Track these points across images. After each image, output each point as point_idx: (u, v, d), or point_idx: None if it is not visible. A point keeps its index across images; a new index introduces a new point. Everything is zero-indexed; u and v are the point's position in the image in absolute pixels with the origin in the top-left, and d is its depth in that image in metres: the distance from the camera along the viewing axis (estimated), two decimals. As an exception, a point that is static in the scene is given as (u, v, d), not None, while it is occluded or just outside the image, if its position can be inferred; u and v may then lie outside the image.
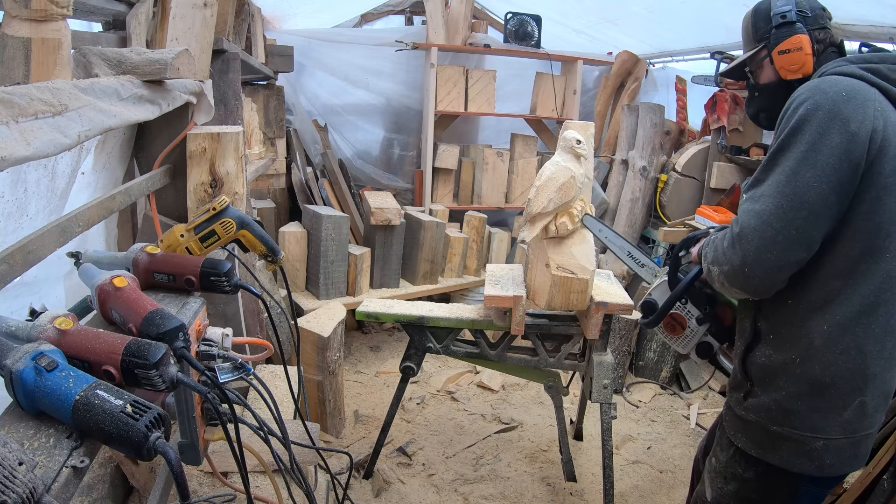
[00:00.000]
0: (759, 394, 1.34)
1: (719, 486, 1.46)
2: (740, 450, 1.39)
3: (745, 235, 1.21)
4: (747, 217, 1.22)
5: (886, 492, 2.11)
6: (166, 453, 0.68)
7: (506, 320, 2.27)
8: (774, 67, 1.45)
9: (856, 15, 2.74)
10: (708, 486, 1.51)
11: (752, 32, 1.50)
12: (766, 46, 1.46)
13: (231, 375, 1.01)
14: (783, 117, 1.26)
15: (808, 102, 1.21)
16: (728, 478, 1.44)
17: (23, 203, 1.11)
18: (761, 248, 1.20)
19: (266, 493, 1.49)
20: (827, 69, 1.33)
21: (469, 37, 4.25)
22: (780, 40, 1.42)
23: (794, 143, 1.20)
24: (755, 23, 1.49)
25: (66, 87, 0.91)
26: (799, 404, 1.28)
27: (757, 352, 1.36)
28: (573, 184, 2.04)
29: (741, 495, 1.41)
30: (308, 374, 2.70)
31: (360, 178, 4.41)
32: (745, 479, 1.39)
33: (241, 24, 2.64)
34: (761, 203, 1.21)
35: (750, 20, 1.51)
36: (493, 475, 2.69)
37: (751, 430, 1.36)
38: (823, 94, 1.20)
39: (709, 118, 3.73)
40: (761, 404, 1.33)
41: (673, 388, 3.56)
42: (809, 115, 1.19)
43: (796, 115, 1.21)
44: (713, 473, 1.49)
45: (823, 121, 1.18)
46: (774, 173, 1.22)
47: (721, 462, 1.46)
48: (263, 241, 1.41)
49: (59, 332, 0.79)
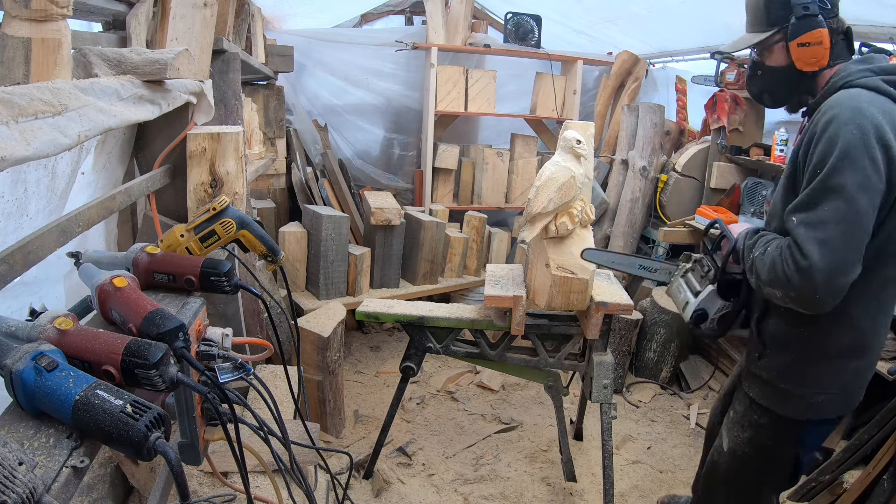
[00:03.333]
0: (772, 356, 1.54)
1: (736, 434, 1.66)
2: (755, 400, 1.59)
3: (816, 266, 1.27)
4: (813, 246, 1.28)
5: (886, 492, 2.11)
6: (166, 453, 0.68)
7: (506, 320, 2.27)
8: (789, 55, 1.46)
9: (856, 15, 2.74)
10: (725, 437, 1.69)
11: (764, 14, 1.48)
12: (781, 32, 1.46)
13: (231, 375, 1.01)
14: (824, 135, 1.30)
15: (852, 126, 1.26)
16: (745, 426, 1.63)
17: (23, 203, 1.11)
18: (834, 276, 1.27)
19: (266, 493, 1.49)
20: (852, 76, 1.37)
21: (469, 37, 4.25)
22: (800, 32, 1.41)
23: (844, 170, 1.26)
24: (768, 4, 1.47)
25: (66, 87, 0.91)
26: (806, 369, 1.48)
27: (769, 321, 1.53)
28: (573, 184, 2.04)
29: (755, 441, 1.61)
30: (308, 374, 2.70)
31: (360, 178, 4.41)
32: (759, 426, 1.59)
33: (241, 24, 2.64)
34: (824, 231, 1.27)
35: (763, 3, 1.48)
36: (493, 475, 2.69)
37: (763, 385, 1.57)
38: (865, 118, 1.26)
39: (709, 118, 3.73)
40: (772, 365, 1.53)
41: (673, 388, 3.56)
42: (857, 141, 1.25)
43: (842, 139, 1.26)
44: (731, 424, 1.68)
45: (870, 146, 1.25)
46: (830, 199, 1.27)
47: (738, 413, 1.66)
48: (263, 241, 1.41)
49: (59, 332, 0.79)
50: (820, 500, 2.43)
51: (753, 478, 1.67)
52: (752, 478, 1.67)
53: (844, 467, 2.35)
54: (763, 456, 1.62)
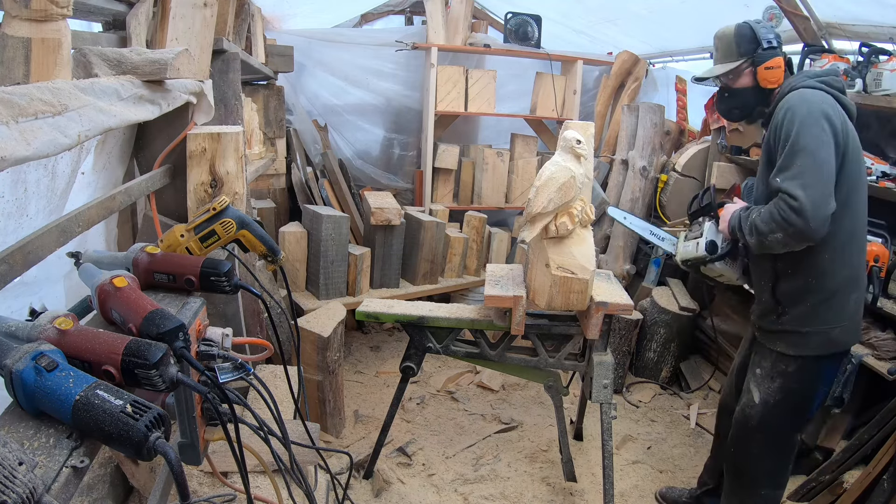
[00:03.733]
0: (791, 311, 1.90)
1: (766, 385, 1.96)
2: (780, 353, 1.93)
3: (804, 202, 1.67)
4: (798, 189, 1.68)
5: (886, 492, 2.11)
6: (166, 453, 0.68)
7: (506, 320, 2.27)
8: (756, 78, 1.94)
9: (856, 15, 2.74)
10: (755, 390, 1.99)
11: (735, 48, 1.94)
12: (749, 60, 1.93)
13: (231, 375, 1.01)
14: (784, 121, 1.77)
15: (802, 109, 1.75)
16: (773, 377, 1.95)
17: (23, 203, 1.11)
18: (817, 207, 1.67)
19: (266, 493, 1.49)
20: (796, 84, 1.85)
21: (469, 37, 4.25)
22: (766, 59, 1.91)
23: (805, 136, 1.72)
24: (738, 42, 1.93)
25: (66, 87, 0.91)
26: (820, 308, 1.86)
27: (782, 284, 1.91)
28: (573, 184, 2.04)
29: (785, 387, 1.93)
30: (308, 374, 2.70)
31: (360, 178, 4.41)
32: (787, 374, 1.92)
33: (241, 24, 2.64)
34: (802, 178, 1.69)
35: (732, 39, 1.94)
36: (493, 475, 2.69)
37: (787, 337, 1.91)
38: (811, 103, 1.76)
39: (709, 118, 3.73)
40: (793, 318, 1.89)
41: (673, 388, 3.56)
42: (808, 117, 1.74)
43: (798, 118, 1.74)
44: (760, 378, 1.98)
45: (818, 119, 1.73)
46: (799, 157, 1.71)
47: (766, 368, 1.97)
48: (263, 241, 1.41)
49: (59, 332, 0.79)
50: (820, 500, 2.43)
51: (784, 420, 1.98)
52: (783, 421, 1.98)
53: (844, 467, 2.36)
54: (792, 399, 1.94)
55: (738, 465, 2.09)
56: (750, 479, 2.06)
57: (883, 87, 2.48)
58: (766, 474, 2.03)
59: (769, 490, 2.05)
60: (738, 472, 2.10)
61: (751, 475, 2.05)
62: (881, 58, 2.51)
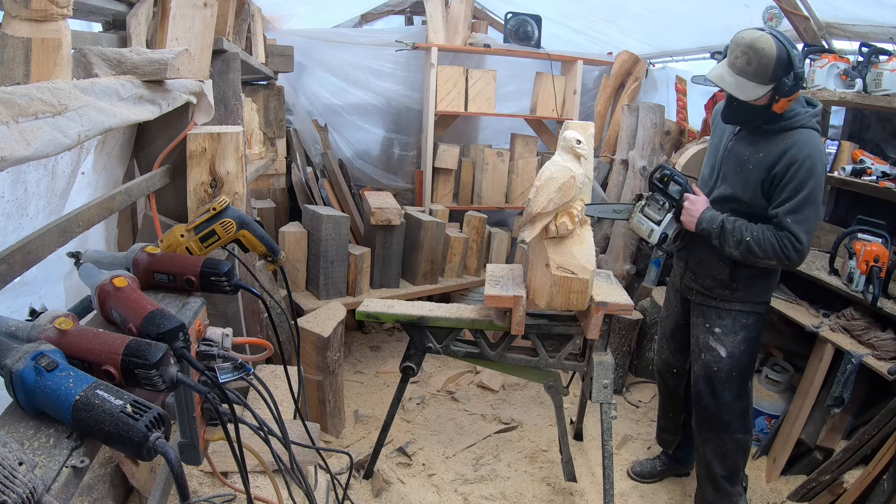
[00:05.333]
0: (743, 289, 2.19)
1: (731, 339, 2.22)
2: (738, 311, 2.21)
3: (806, 247, 2.00)
4: (803, 235, 1.98)
5: (886, 492, 2.11)
6: (166, 453, 0.68)
7: (506, 320, 2.27)
8: (772, 101, 1.98)
9: (856, 15, 2.74)
10: (719, 347, 2.23)
11: (769, 72, 1.93)
12: (776, 89, 1.95)
13: (231, 375, 1.01)
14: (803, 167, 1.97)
15: (818, 162, 1.99)
16: (737, 330, 2.22)
17: (23, 203, 1.11)
18: (809, 248, 2.01)
19: (266, 493, 1.49)
20: (805, 121, 2.03)
21: (469, 37, 4.25)
22: (792, 92, 1.96)
23: (817, 189, 1.99)
24: (776, 67, 1.92)
25: (66, 87, 0.91)
26: (764, 287, 2.22)
27: (741, 271, 2.16)
28: (573, 184, 2.04)
29: (748, 337, 2.22)
30: (308, 374, 2.70)
31: (360, 178, 4.40)
32: (748, 325, 2.22)
33: (241, 24, 2.64)
34: (807, 225, 1.99)
35: (772, 62, 1.91)
36: (493, 475, 2.69)
37: (741, 303, 2.21)
38: (821, 154, 2.02)
39: (709, 118, 3.73)
40: (746, 294, 2.20)
41: (673, 388, 3.55)
42: (821, 171, 2.01)
43: (815, 172, 1.98)
44: (722, 336, 2.23)
45: (823, 173, 2.03)
46: (809, 207, 1.99)
47: (726, 326, 2.23)
48: (263, 241, 1.41)
49: (59, 332, 0.79)
50: (820, 500, 2.43)
51: (748, 366, 2.26)
52: (747, 367, 2.25)
53: (844, 467, 2.36)
54: (752, 345, 2.24)
55: (712, 417, 2.28)
56: (724, 426, 2.26)
57: (883, 87, 2.48)
58: (738, 418, 2.25)
59: (741, 434, 2.27)
60: (710, 423, 2.29)
61: (725, 423, 2.26)
62: (881, 58, 2.51)
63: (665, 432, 2.71)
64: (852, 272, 2.45)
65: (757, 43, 1.92)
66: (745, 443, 2.29)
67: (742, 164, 2.11)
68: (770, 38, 1.92)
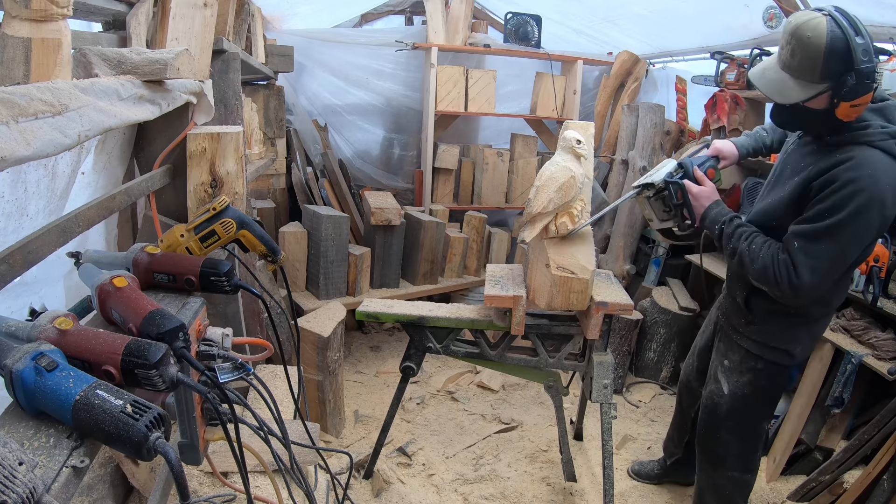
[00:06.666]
0: (759, 323, 1.89)
1: (735, 379, 1.99)
2: (749, 351, 1.93)
3: (804, 285, 1.63)
4: (806, 271, 1.61)
5: (886, 492, 2.11)
6: (166, 453, 0.68)
7: (506, 320, 2.27)
8: (833, 105, 1.54)
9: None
10: (724, 381, 2.02)
11: (821, 67, 1.49)
12: (833, 89, 1.51)
13: (231, 375, 1.01)
14: (841, 189, 1.54)
15: (866, 192, 1.51)
16: (743, 371, 1.97)
17: (23, 203, 1.11)
18: (811, 293, 1.65)
19: (266, 493, 1.49)
20: (873, 138, 1.56)
21: (469, 37, 4.25)
22: (857, 94, 1.49)
23: (850, 225, 1.55)
24: (828, 59, 1.47)
25: (66, 87, 0.91)
26: (789, 333, 1.87)
27: (756, 299, 1.87)
28: (573, 184, 2.04)
29: (755, 383, 1.96)
30: (308, 374, 2.70)
31: (360, 178, 4.40)
32: (757, 370, 1.94)
33: (241, 24, 2.64)
34: (817, 262, 1.60)
35: (821, 55, 1.48)
36: (493, 475, 2.69)
37: (753, 343, 1.93)
38: (877, 187, 1.52)
39: (709, 118, 3.73)
40: (761, 330, 1.90)
41: (673, 388, 3.55)
42: (867, 204, 1.52)
43: (857, 200, 1.52)
44: (728, 371, 2.00)
45: (873, 212, 1.53)
46: (829, 241, 1.58)
47: (735, 362, 1.98)
48: (263, 241, 1.41)
49: (59, 332, 0.79)
50: (820, 500, 2.43)
51: (753, 412, 2.01)
52: (751, 412, 2.01)
53: (844, 467, 2.36)
54: (761, 394, 1.98)
55: (708, 448, 2.15)
56: (719, 461, 2.12)
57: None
58: (735, 458, 2.08)
59: (738, 473, 2.09)
60: (707, 453, 2.16)
61: (720, 458, 2.11)
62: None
63: (670, 442, 2.61)
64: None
65: (801, 29, 1.48)
66: (741, 482, 2.11)
67: (792, 175, 1.73)
68: (822, 23, 1.47)
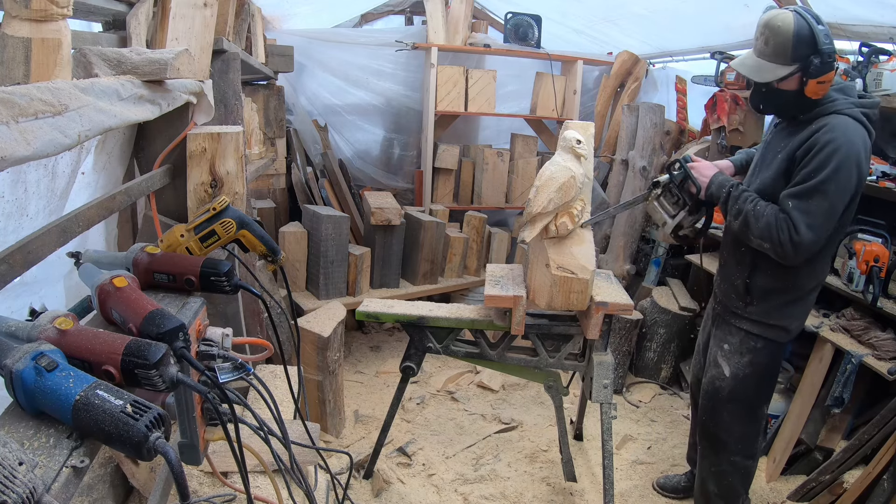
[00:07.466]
0: (759, 303, 2.03)
1: (735, 360, 2.10)
2: (748, 332, 2.06)
3: (803, 241, 1.80)
4: (803, 227, 1.80)
5: (886, 492, 2.11)
6: (166, 453, 0.68)
7: (506, 320, 2.27)
8: (803, 85, 1.82)
9: (856, 15, 2.74)
10: (724, 364, 2.12)
11: (790, 52, 1.79)
12: (802, 70, 1.80)
13: (231, 375, 1.01)
14: (823, 151, 1.78)
15: (844, 150, 1.76)
16: (743, 352, 2.08)
17: (23, 203, 1.11)
18: (810, 248, 1.83)
19: (266, 493, 1.49)
20: (842, 107, 1.83)
21: (469, 37, 4.25)
22: (821, 73, 1.78)
23: (834, 181, 1.77)
24: (796, 45, 1.78)
25: (66, 87, 0.91)
26: (785, 309, 2.02)
27: (757, 279, 2.02)
28: (573, 184, 2.04)
29: (754, 362, 2.07)
30: (308, 374, 2.70)
31: (360, 178, 4.41)
32: (756, 349, 2.06)
33: (241, 24, 2.64)
34: (812, 218, 1.80)
35: (790, 40, 1.78)
36: (493, 475, 2.69)
37: (752, 323, 2.06)
38: (853, 145, 1.77)
39: (709, 118, 3.73)
40: (760, 310, 2.04)
41: (673, 388, 3.56)
42: (846, 161, 1.76)
43: (837, 158, 1.76)
44: (728, 353, 2.11)
45: (852, 167, 1.77)
46: (820, 198, 1.79)
47: (734, 344, 2.10)
48: (263, 241, 1.41)
49: (59, 332, 0.79)
50: (820, 500, 2.42)
51: (753, 392, 2.10)
52: (752, 392, 2.10)
53: (844, 467, 2.35)
54: (760, 373, 2.08)
55: (710, 433, 2.19)
56: (722, 445, 2.16)
57: (883, 87, 2.47)
58: (737, 441, 2.14)
59: (740, 458, 2.15)
60: (710, 439, 2.21)
61: (723, 442, 2.16)
62: (881, 58, 2.51)
63: (693, 450, 2.56)
64: (852, 272, 2.46)
65: (773, 21, 1.80)
66: (744, 467, 2.16)
67: (774, 155, 1.96)
68: (788, 15, 1.79)
